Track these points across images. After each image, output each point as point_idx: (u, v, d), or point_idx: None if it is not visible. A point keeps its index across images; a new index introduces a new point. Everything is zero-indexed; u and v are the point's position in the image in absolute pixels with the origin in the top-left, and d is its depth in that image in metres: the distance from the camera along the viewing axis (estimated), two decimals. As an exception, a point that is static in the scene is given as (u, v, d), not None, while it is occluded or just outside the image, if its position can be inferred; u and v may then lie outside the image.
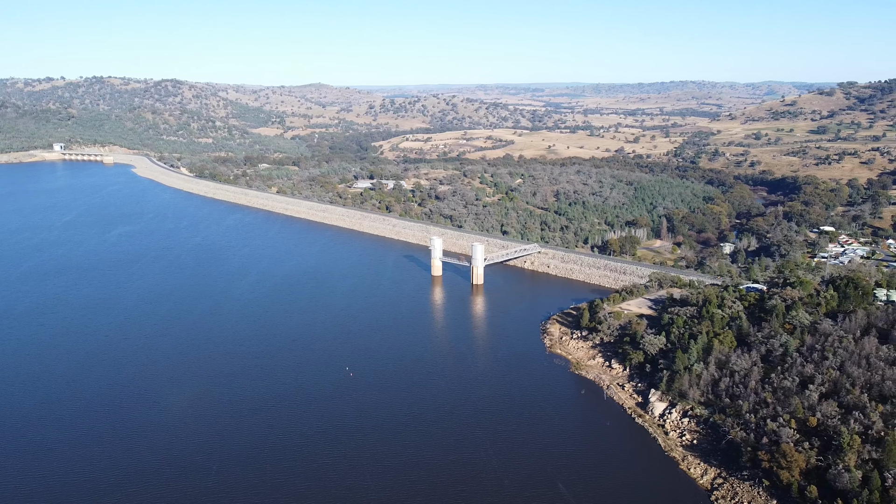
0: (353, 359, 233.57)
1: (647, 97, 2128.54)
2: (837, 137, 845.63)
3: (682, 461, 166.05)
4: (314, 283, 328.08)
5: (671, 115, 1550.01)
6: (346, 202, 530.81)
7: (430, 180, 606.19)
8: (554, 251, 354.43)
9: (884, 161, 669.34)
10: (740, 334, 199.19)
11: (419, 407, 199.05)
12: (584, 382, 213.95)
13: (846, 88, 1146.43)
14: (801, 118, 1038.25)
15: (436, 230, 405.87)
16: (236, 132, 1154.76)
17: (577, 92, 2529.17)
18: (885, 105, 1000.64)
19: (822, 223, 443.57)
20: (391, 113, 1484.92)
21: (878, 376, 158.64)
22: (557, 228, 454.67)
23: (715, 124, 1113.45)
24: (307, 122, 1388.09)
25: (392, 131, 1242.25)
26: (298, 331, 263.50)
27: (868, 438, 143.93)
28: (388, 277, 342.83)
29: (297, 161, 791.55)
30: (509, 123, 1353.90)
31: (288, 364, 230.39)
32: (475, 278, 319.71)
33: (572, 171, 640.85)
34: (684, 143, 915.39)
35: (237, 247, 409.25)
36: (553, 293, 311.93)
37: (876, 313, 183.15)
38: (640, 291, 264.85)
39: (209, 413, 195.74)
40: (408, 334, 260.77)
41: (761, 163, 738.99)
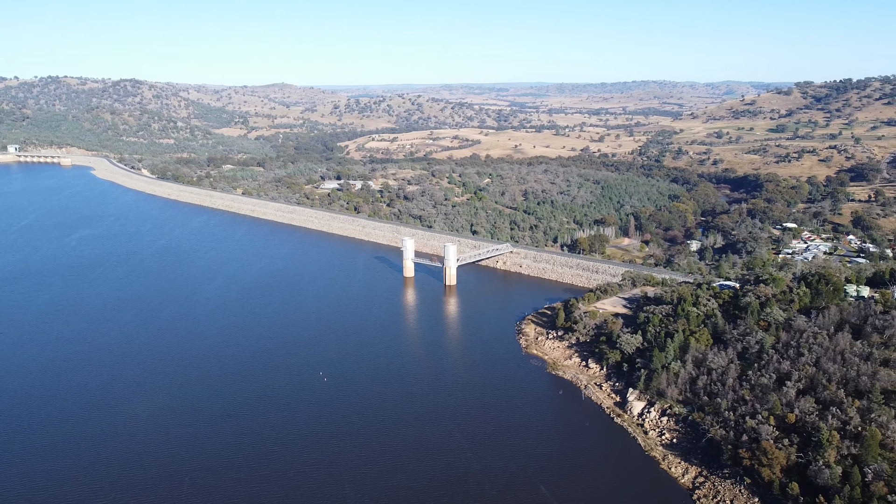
0: (327, 363, 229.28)
1: (611, 97, 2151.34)
2: (796, 136, 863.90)
3: (662, 460, 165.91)
4: (284, 286, 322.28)
5: (634, 114, 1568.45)
6: (313, 203, 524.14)
7: (398, 180, 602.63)
8: (526, 251, 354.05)
9: (841, 159, 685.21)
10: (716, 332, 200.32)
11: (396, 411, 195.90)
12: (561, 383, 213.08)
13: (803, 88, 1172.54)
14: (760, 117, 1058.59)
15: (407, 231, 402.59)
16: (199, 133, 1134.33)
17: (541, 92, 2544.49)
18: (840, 104, 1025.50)
19: (784, 220, 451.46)
20: (356, 113, 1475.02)
21: (853, 372, 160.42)
22: (527, 228, 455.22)
23: (677, 123, 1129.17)
24: (271, 123, 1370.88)
25: (358, 131, 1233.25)
26: (269, 335, 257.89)
27: (846, 434, 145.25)
28: (360, 279, 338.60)
29: (263, 162, 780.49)
30: (475, 123, 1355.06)
31: (260, 369, 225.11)
32: (448, 279, 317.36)
33: (539, 170, 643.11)
34: (648, 142, 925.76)
35: (203, 250, 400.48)
36: (526, 293, 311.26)
37: (848, 309, 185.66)
38: (613, 290, 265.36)
39: (179, 422, 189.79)
40: (382, 337, 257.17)
41: (724, 161, 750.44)
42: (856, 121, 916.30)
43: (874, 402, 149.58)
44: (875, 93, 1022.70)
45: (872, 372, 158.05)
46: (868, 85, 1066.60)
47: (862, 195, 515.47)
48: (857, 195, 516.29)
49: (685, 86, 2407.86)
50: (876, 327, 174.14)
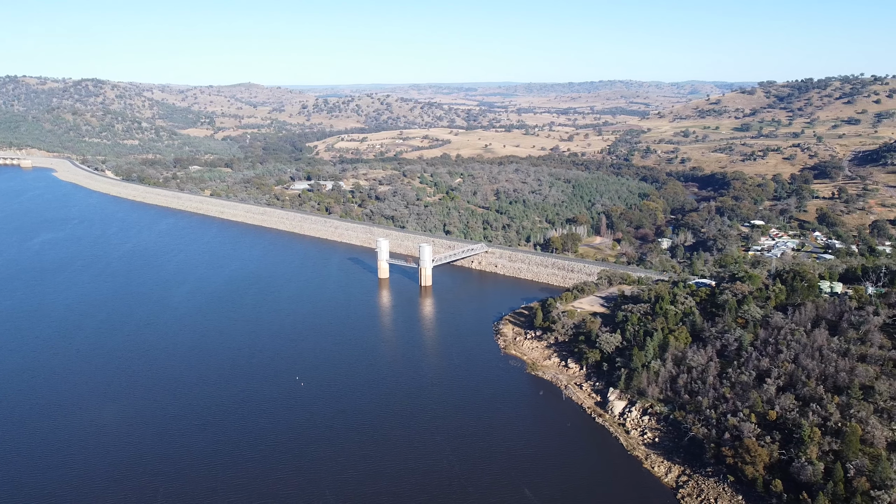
0: (303, 367, 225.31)
1: (578, 96, 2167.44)
2: (760, 134, 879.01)
3: (645, 460, 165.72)
4: (257, 289, 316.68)
5: (602, 113, 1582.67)
6: (284, 204, 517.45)
7: (370, 181, 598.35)
8: (501, 250, 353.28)
9: (804, 157, 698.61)
10: (694, 330, 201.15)
11: (375, 414, 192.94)
12: (541, 383, 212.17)
13: (766, 87, 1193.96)
14: (725, 116, 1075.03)
15: (380, 231, 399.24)
16: (164, 133, 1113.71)
17: (510, 91, 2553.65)
18: (802, 103, 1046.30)
19: (752, 217, 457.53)
20: (325, 113, 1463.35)
21: (831, 368, 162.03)
22: (499, 227, 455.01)
23: (645, 122, 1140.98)
24: (238, 123, 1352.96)
25: (326, 131, 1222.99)
26: (243, 339, 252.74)
27: (827, 430, 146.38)
28: (334, 281, 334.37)
29: (230, 162, 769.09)
30: (444, 123, 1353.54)
31: (234, 374, 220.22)
32: (423, 280, 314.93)
33: (511, 169, 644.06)
34: (617, 141, 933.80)
35: (172, 252, 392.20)
36: (503, 293, 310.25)
37: (824, 305, 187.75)
38: (590, 289, 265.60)
39: (152, 430, 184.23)
40: (358, 339, 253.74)
41: (691, 159, 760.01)
42: (817, 119, 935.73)
43: (853, 397, 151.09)
44: (835, 92, 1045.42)
45: (850, 368, 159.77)
46: (828, 84, 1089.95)
47: (826, 192, 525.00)
48: (821, 192, 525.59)
49: (651, 85, 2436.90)
50: (851, 323, 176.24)
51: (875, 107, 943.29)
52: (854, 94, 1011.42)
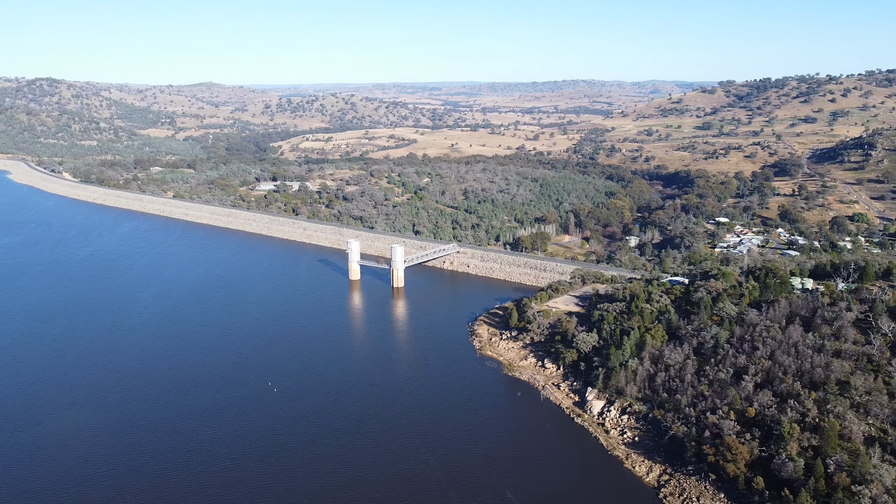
0: (275, 372, 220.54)
1: (542, 95, 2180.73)
2: (721, 133, 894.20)
3: (626, 459, 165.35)
4: (225, 292, 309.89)
5: (566, 112, 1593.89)
6: (250, 205, 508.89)
7: (337, 181, 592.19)
8: (473, 250, 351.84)
9: (764, 155, 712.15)
10: (670, 328, 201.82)
11: (351, 419, 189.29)
12: (518, 384, 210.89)
13: (726, 87, 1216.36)
14: (687, 115, 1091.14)
15: (350, 233, 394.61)
16: (123, 134, 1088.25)
17: (474, 91, 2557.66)
18: (761, 102, 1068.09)
19: (717, 215, 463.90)
20: (289, 113, 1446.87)
21: (807, 364, 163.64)
22: (469, 227, 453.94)
23: (609, 121, 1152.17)
24: (200, 123, 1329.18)
25: (291, 131, 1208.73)
26: (212, 344, 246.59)
27: (806, 426, 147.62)
28: (304, 283, 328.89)
29: (193, 163, 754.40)
30: (410, 122, 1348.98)
31: (204, 380, 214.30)
32: (396, 281, 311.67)
33: (478, 168, 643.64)
34: (582, 140, 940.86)
35: (136, 256, 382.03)
36: (476, 293, 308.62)
37: (797, 302, 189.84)
38: (565, 288, 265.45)
39: (119, 441, 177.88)
40: (331, 343, 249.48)
41: (655, 158, 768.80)
42: (776, 118, 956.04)
43: (830, 393, 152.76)
44: (792, 91, 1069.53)
45: (826, 363, 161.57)
46: (786, 84, 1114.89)
47: (786, 189, 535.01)
48: (782, 189, 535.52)
49: (613, 85, 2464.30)
50: (825, 319, 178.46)
51: (830, 105, 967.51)
52: (810, 93, 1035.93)
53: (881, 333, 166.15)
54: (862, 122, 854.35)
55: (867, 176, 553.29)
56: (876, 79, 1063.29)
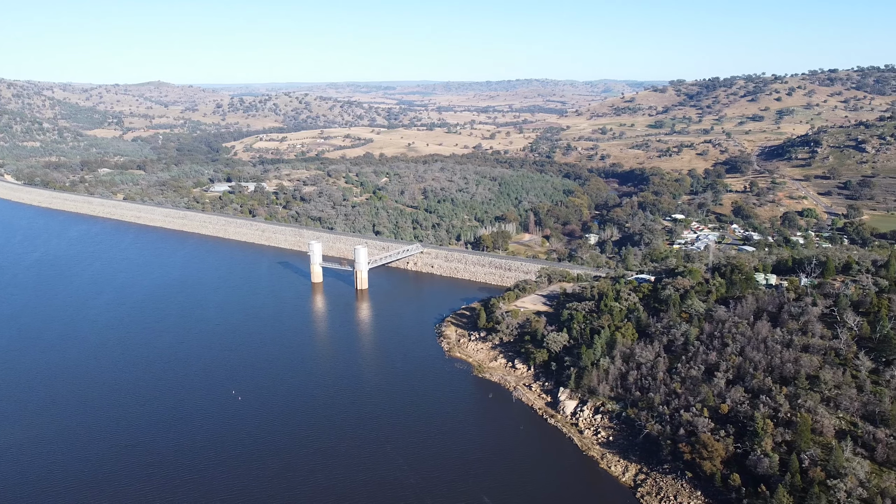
0: (238, 379, 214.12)
1: (497, 94, 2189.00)
2: (673, 131, 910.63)
3: (601, 460, 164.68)
4: (183, 297, 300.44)
5: (521, 111, 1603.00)
6: (205, 207, 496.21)
7: (294, 181, 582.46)
8: (437, 250, 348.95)
9: (716, 152, 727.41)
10: (640, 326, 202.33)
11: (319, 426, 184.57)
12: (489, 385, 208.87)
13: (677, 86, 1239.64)
14: (639, 114, 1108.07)
15: (311, 234, 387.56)
16: (68, 135, 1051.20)
17: (429, 90, 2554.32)
18: (711, 101, 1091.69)
19: (673, 212, 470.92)
20: (241, 112, 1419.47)
21: (777, 359, 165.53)
22: (429, 226, 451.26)
23: (563, 120, 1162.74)
24: (149, 123, 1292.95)
25: (244, 131, 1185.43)
26: (171, 352, 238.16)
27: (779, 421, 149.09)
28: (265, 287, 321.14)
29: (143, 164, 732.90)
30: (365, 122, 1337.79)
31: (164, 390, 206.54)
32: (360, 283, 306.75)
33: (436, 168, 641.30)
34: (538, 139, 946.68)
35: (86, 261, 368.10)
36: (442, 294, 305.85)
37: (764, 298, 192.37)
38: (532, 288, 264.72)
39: (74, 454, 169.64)
40: (295, 348, 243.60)
41: (610, 156, 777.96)
42: (725, 116, 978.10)
43: (800, 388, 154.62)
44: (740, 90, 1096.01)
45: (795, 358, 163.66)
46: (733, 83, 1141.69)
47: (738, 186, 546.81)
48: (734, 186, 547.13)
49: (566, 84, 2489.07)
50: (791, 314, 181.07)
51: (776, 104, 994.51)
52: (757, 92, 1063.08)
53: (847, 327, 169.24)
54: (807, 120, 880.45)
55: (814, 172, 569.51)
56: (819, 78, 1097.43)
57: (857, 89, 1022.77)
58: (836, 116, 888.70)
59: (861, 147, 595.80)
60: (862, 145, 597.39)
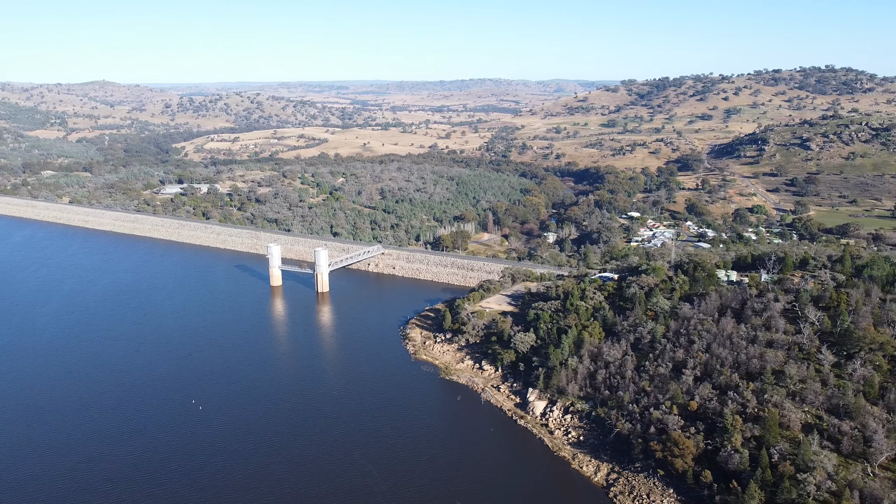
0: (198, 388, 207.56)
1: (451, 94, 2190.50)
2: (626, 130, 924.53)
3: (572, 460, 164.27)
4: (136, 304, 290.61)
5: (475, 111, 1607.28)
6: (156, 210, 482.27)
7: (248, 182, 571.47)
8: (398, 251, 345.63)
9: (668, 151, 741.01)
10: (606, 325, 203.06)
11: (284, 434, 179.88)
12: (457, 388, 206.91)
13: (628, 86, 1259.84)
14: (593, 113, 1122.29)
15: (269, 236, 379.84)
16: (8, 136, 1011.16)
17: (382, 89, 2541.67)
18: (661, 100, 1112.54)
19: (628, 209, 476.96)
20: (191, 112, 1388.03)
21: (743, 355, 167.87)
22: (388, 227, 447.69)
23: (518, 119, 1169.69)
24: (94, 124, 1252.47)
25: (194, 132, 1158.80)
26: (126, 361, 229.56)
27: (747, 417, 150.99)
28: (223, 291, 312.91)
29: (89, 166, 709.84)
30: (319, 122, 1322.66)
31: (120, 401, 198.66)
32: (320, 286, 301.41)
33: (393, 168, 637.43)
34: (493, 138, 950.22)
35: (32, 267, 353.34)
36: (404, 295, 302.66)
37: (727, 294, 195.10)
38: (496, 288, 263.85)
39: (26, 473, 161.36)
40: (256, 354, 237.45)
41: (565, 155, 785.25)
42: (675, 116, 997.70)
43: (767, 383, 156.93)
44: (689, 90, 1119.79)
45: (760, 354, 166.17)
46: (683, 83, 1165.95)
47: (690, 184, 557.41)
48: (686, 184, 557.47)
49: (519, 83, 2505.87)
50: (755, 310, 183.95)
51: (724, 103, 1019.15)
52: (705, 91, 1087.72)
53: (809, 322, 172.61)
54: (753, 119, 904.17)
55: (762, 170, 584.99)
56: (763, 78, 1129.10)
57: (800, 89, 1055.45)
58: (781, 115, 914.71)
59: (806, 145, 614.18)
60: (807, 143, 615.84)
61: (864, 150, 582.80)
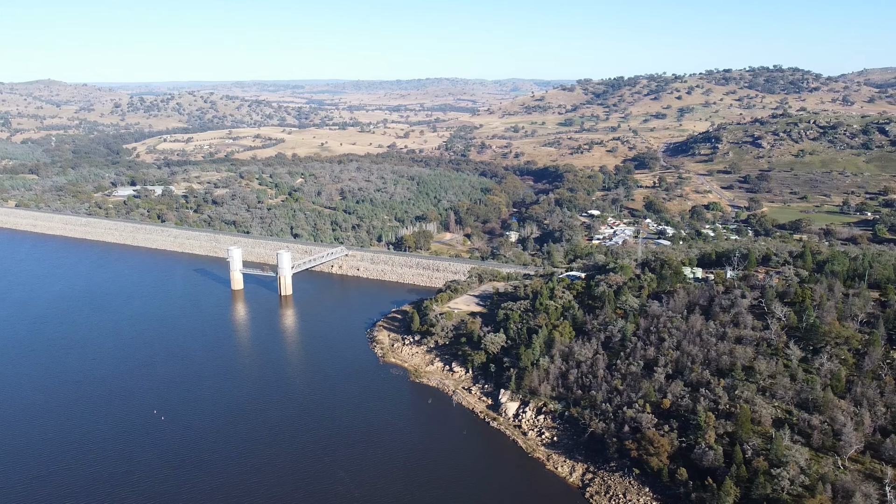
0: (161, 398, 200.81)
1: (408, 93, 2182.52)
2: (583, 129, 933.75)
3: (547, 461, 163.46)
4: (91, 310, 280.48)
5: (433, 110, 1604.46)
6: (109, 213, 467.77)
7: (204, 184, 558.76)
8: (363, 253, 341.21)
9: (625, 149, 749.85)
10: (576, 324, 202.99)
11: (251, 443, 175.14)
12: (428, 391, 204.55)
13: (584, 85, 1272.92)
14: (550, 112, 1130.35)
15: (229, 239, 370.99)
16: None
17: (338, 89, 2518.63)
18: (616, 99, 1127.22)
19: (588, 207, 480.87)
20: (142, 112, 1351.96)
21: (713, 352, 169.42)
22: (349, 228, 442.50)
23: (476, 119, 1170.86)
24: (40, 124, 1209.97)
25: (146, 132, 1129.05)
26: (81, 370, 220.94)
27: (720, 413, 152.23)
28: (182, 296, 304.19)
29: (36, 168, 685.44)
30: (275, 121, 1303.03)
31: (77, 414, 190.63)
32: (283, 289, 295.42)
33: (353, 168, 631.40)
34: (452, 137, 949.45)
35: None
36: (370, 297, 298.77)
37: (694, 291, 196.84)
38: (463, 288, 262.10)
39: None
40: (220, 360, 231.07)
41: (524, 154, 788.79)
42: (630, 114, 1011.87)
43: (737, 379, 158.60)
44: (644, 89, 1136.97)
45: (730, 350, 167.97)
46: (637, 82, 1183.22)
47: (647, 182, 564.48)
48: (644, 182, 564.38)
49: (475, 83, 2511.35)
50: (722, 307, 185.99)
51: (678, 102, 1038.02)
52: (659, 91, 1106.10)
53: (776, 318, 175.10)
54: (706, 117, 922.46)
55: (716, 167, 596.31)
56: (715, 78, 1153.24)
57: (750, 88, 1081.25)
58: (733, 114, 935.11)
59: (758, 143, 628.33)
60: (758, 141, 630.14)
61: (813, 148, 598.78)
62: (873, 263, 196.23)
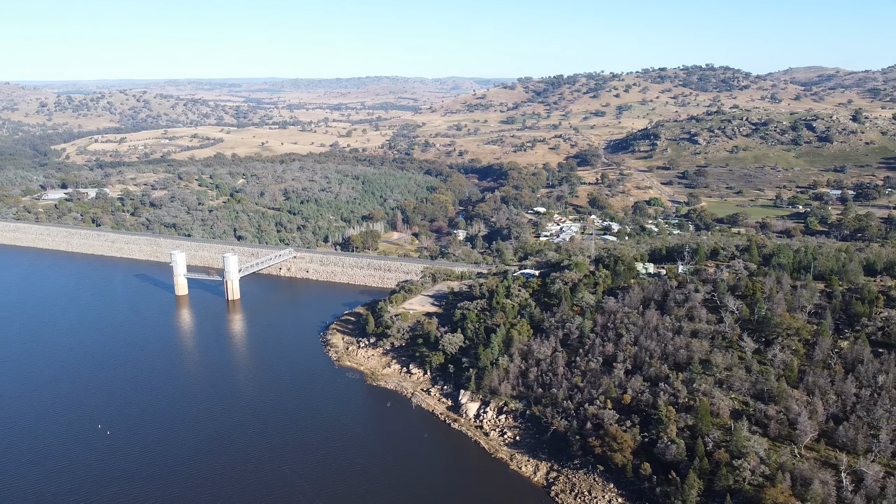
0: (104, 410, 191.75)
1: (348, 92, 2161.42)
2: (525, 127, 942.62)
3: (510, 461, 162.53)
4: (24, 321, 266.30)
5: (374, 108, 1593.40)
6: (39, 217, 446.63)
7: (141, 185, 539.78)
8: (311, 254, 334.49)
9: (567, 146, 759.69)
10: (534, 322, 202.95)
11: (205, 454, 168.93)
12: (386, 394, 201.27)
13: (525, 83, 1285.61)
14: (492, 110, 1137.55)
15: (170, 243, 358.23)
16: None
17: (277, 87, 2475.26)
18: (557, 98, 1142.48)
19: (534, 205, 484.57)
20: (70, 112, 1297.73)
21: (670, 346, 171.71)
22: (295, 228, 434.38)
23: (418, 117, 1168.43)
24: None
25: (75, 132, 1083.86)
26: (15, 385, 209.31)
27: (680, 407, 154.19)
28: (123, 303, 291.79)
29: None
30: (212, 120, 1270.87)
31: (12, 432, 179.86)
32: (231, 293, 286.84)
33: (295, 167, 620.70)
34: (395, 136, 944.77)
35: None
36: (321, 299, 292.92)
37: (648, 287, 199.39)
38: (417, 289, 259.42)
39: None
40: (166, 369, 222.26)
41: (468, 152, 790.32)
42: (571, 112, 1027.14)
43: (695, 373, 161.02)
44: (583, 87, 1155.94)
45: (686, 344, 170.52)
46: (576, 81, 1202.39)
47: (590, 178, 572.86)
48: (587, 178, 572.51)
49: (416, 81, 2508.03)
50: (677, 301, 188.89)
51: (616, 100, 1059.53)
52: (598, 89, 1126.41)
53: (729, 311, 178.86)
54: (643, 115, 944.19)
55: (656, 164, 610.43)
56: (651, 76, 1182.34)
57: (684, 86, 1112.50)
58: (669, 111, 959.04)
59: (694, 139, 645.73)
60: (695, 138, 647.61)
61: (746, 144, 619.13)
62: (816, 255, 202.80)
